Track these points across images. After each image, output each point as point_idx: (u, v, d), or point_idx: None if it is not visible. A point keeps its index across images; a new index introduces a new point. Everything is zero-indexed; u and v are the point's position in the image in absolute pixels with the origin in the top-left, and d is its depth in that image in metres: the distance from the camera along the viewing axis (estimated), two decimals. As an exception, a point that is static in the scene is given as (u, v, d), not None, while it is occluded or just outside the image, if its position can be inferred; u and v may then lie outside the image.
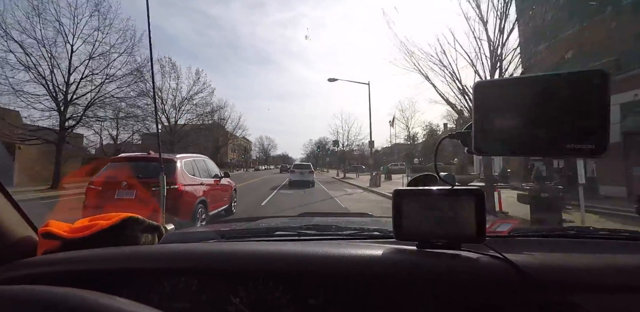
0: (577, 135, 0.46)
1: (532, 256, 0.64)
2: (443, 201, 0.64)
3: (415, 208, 0.65)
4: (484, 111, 0.51)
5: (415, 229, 0.65)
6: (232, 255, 0.67)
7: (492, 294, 0.60)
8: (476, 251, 0.64)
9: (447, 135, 0.65)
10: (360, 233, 0.98)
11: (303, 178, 15.39)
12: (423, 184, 0.71)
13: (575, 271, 0.60)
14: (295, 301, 0.62)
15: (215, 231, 1.13)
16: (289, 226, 1.22)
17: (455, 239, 0.64)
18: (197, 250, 0.70)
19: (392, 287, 0.62)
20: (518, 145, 0.50)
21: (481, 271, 0.61)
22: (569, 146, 0.46)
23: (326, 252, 0.65)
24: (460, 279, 0.60)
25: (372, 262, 0.64)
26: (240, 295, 0.62)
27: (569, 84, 0.46)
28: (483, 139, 0.52)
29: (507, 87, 0.51)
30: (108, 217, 0.76)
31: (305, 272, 0.64)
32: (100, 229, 0.72)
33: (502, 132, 0.50)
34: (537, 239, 0.89)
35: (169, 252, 0.69)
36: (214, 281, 0.64)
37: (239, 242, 0.87)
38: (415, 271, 0.62)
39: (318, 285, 0.63)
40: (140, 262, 0.66)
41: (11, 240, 0.69)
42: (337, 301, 0.62)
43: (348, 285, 0.63)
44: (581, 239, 0.90)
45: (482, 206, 0.62)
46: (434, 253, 0.65)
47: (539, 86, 0.48)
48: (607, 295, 0.59)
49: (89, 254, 0.67)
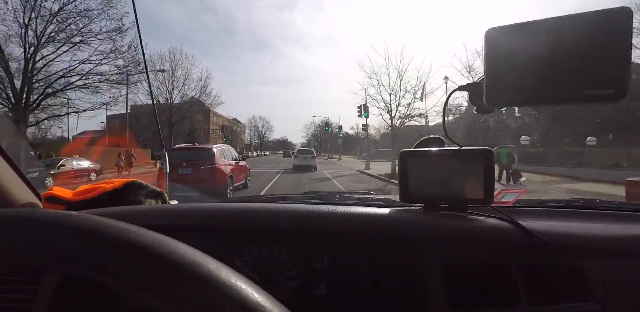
0: (595, 80, 0.43)
1: (539, 223, 0.64)
2: (450, 162, 0.63)
3: (422, 170, 0.64)
4: (496, 59, 0.48)
5: (421, 191, 0.64)
6: (238, 212, 0.67)
7: (499, 255, 0.60)
8: (484, 213, 0.64)
9: (457, 88, 0.60)
10: (364, 202, 0.96)
11: (306, 163, 16.48)
12: (430, 146, 0.68)
13: (582, 237, 0.61)
14: (300, 265, 0.62)
15: (219, 200, 1.13)
16: (294, 197, 1.17)
17: (462, 201, 0.64)
18: (202, 208, 0.70)
19: (398, 249, 0.61)
20: (534, 94, 0.47)
21: (489, 232, 0.60)
22: (587, 92, 0.43)
23: (332, 210, 0.65)
24: (468, 240, 0.60)
25: (378, 221, 0.63)
26: (244, 259, 0.62)
27: (587, 26, 0.43)
28: (496, 89, 0.49)
29: (520, 32, 0.47)
30: (111, 181, 0.76)
31: (310, 230, 0.64)
32: (103, 191, 0.72)
33: (516, 81, 0.47)
34: (543, 209, 0.87)
35: (173, 210, 0.69)
36: (218, 240, 0.63)
37: (245, 203, 0.86)
38: (423, 231, 0.62)
39: (323, 247, 0.63)
40: (144, 219, 0.65)
41: (15, 205, 0.70)
42: (342, 264, 0.61)
43: (354, 246, 0.62)
44: (587, 210, 0.88)
45: (491, 167, 0.61)
46: (439, 214, 0.65)
47: (555, 29, 0.45)
48: (616, 261, 0.59)
49: (94, 212, 0.65)
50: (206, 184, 6.70)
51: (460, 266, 0.60)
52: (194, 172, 6.82)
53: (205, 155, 7.13)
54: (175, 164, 6.91)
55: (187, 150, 7.49)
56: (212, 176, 6.85)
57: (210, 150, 7.34)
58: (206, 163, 6.94)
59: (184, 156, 7.12)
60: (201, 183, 6.63)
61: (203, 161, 6.92)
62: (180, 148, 7.88)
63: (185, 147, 7.97)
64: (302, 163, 16.47)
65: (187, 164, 6.88)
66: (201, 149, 7.45)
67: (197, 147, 7.65)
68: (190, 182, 6.64)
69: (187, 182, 6.65)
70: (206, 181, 6.75)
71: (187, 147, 7.83)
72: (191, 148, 7.69)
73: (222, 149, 7.90)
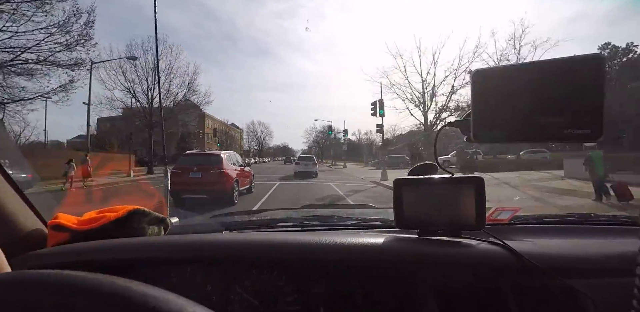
0: (573, 121, 0.46)
1: (532, 243, 0.66)
2: (443, 189, 0.66)
3: (416, 196, 0.67)
4: (481, 99, 0.51)
5: (416, 217, 0.67)
6: (237, 245, 0.68)
7: (492, 280, 0.62)
8: (476, 238, 0.66)
9: (446, 124, 0.64)
10: (362, 223, 0.99)
11: (307, 169, 16.89)
12: (423, 172, 0.71)
13: (574, 257, 0.62)
14: (298, 290, 0.63)
15: (219, 222, 1.14)
16: (292, 217, 1.24)
17: (455, 226, 0.66)
18: (203, 240, 0.71)
19: (394, 275, 0.64)
20: (516, 132, 0.49)
21: (481, 257, 0.62)
22: (566, 132, 0.46)
23: (329, 241, 0.66)
24: (461, 266, 0.62)
25: (374, 250, 0.64)
26: (245, 285, 0.64)
27: (565, 70, 0.46)
28: (481, 126, 0.51)
29: (504, 74, 0.50)
30: (115, 209, 0.77)
31: (308, 260, 0.65)
32: (108, 221, 0.73)
33: (500, 119, 0.50)
34: (537, 226, 0.89)
35: (175, 243, 0.69)
36: (219, 271, 0.65)
37: (243, 233, 0.88)
38: (417, 258, 0.63)
39: (321, 274, 0.65)
40: (148, 252, 0.66)
41: (21, 232, 0.70)
42: (340, 289, 0.64)
43: (350, 273, 0.64)
44: (582, 225, 0.89)
45: (482, 194, 0.64)
46: (434, 241, 0.66)
47: (534, 73, 0.48)
48: (607, 279, 0.59)
49: (98, 245, 0.68)
50: (215, 186, 7.33)
51: (454, 291, 0.62)
52: (204, 175, 7.45)
53: (214, 160, 7.79)
54: (186, 169, 7.57)
55: (198, 156, 8.31)
56: (220, 180, 7.46)
57: (218, 156, 8.00)
58: (215, 168, 7.57)
59: (195, 161, 7.86)
60: (210, 186, 7.29)
61: (212, 166, 7.58)
62: (191, 154, 8.68)
63: (196, 153, 8.84)
64: (303, 170, 16.92)
65: (198, 168, 7.55)
66: (210, 155, 8.22)
67: (207, 153, 8.50)
68: (200, 184, 7.30)
69: (197, 184, 7.33)
70: (215, 183, 7.38)
71: (197, 153, 8.72)
72: (201, 154, 8.55)
73: (229, 155, 8.56)
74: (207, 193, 7.22)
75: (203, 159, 7.94)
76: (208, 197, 7.17)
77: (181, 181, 7.45)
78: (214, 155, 8.17)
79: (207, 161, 7.84)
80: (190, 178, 7.43)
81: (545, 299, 0.61)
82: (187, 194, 7.32)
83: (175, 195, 7.32)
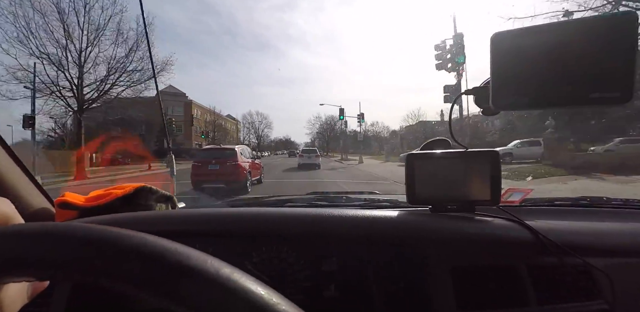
0: (601, 83, 0.44)
1: (546, 222, 0.65)
2: (456, 164, 0.64)
3: (428, 172, 0.65)
4: (501, 64, 0.49)
5: (428, 193, 0.65)
6: (245, 218, 0.67)
7: (507, 256, 0.61)
8: (490, 214, 0.65)
9: (464, 91, 0.61)
10: (371, 203, 0.98)
11: (310, 161, 17.93)
12: (436, 147, 0.69)
13: (589, 235, 0.62)
14: (309, 267, 0.62)
15: (226, 202, 1.15)
16: (300, 198, 1.19)
17: (469, 202, 0.65)
18: (210, 213, 0.70)
19: (406, 251, 0.62)
20: (539, 98, 0.47)
21: (497, 233, 0.61)
22: (593, 95, 0.44)
23: (340, 214, 0.65)
24: (476, 242, 0.61)
25: (386, 224, 0.64)
26: (254, 261, 0.63)
27: (593, 30, 0.44)
28: (501, 92, 0.49)
29: (526, 36, 0.48)
30: (122, 187, 0.77)
31: (318, 234, 0.64)
32: (115, 197, 0.74)
33: (521, 85, 0.48)
34: (549, 208, 0.87)
35: (182, 216, 0.69)
36: (228, 245, 0.64)
37: (253, 208, 0.86)
38: (430, 233, 0.62)
39: (332, 250, 0.63)
40: (155, 225, 0.66)
41: (29, 210, 0.70)
42: (351, 266, 0.62)
43: (362, 247, 0.63)
44: (594, 208, 0.88)
45: (498, 169, 0.62)
46: (448, 216, 0.65)
47: (561, 33, 0.45)
48: (624, 259, 0.59)
49: (106, 219, 0.67)
50: (231, 177, 8.43)
51: (468, 267, 0.61)
52: (221, 167, 8.58)
53: (229, 154, 8.89)
54: (206, 161, 8.71)
55: (215, 150, 9.49)
56: (235, 171, 8.57)
57: (233, 150, 9.14)
58: (230, 160, 8.65)
59: (212, 154, 9.04)
60: (227, 176, 8.40)
61: (227, 159, 8.70)
62: (208, 149, 10.00)
63: (212, 148, 10.03)
64: (306, 162, 18.02)
65: (215, 161, 8.69)
66: (226, 149, 9.38)
67: (223, 148, 9.63)
68: (218, 175, 8.42)
69: (215, 175, 8.44)
70: (231, 174, 8.47)
71: (214, 148, 9.89)
72: (218, 148, 9.71)
73: (242, 149, 9.71)
74: (224, 182, 8.31)
75: (220, 153, 9.07)
76: (225, 187, 8.29)
77: (201, 172, 8.61)
78: (229, 149, 9.30)
79: (223, 154, 8.94)
80: (209, 170, 8.55)
81: (562, 277, 0.60)
82: (207, 184, 8.41)
83: (196, 184, 8.49)
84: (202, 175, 8.56)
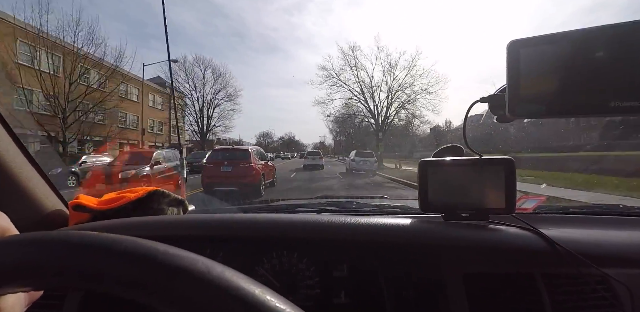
0: (621, 92, 0.43)
1: (561, 231, 0.64)
2: (471, 171, 0.63)
3: (442, 179, 0.64)
4: (518, 71, 0.48)
5: (441, 200, 0.64)
6: (256, 224, 0.67)
7: (522, 265, 0.59)
8: (505, 222, 0.64)
9: (478, 99, 0.59)
10: (381, 209, 0.97)
11: (314, 162, 20.17)
12: (449, 154, 0.68)
13: (606, 245, 0.60)
14: (320, 273, 0.62)
15: (237, 207, 1.14)
16: (310, 203, 1.20)
17: (483, 210, 0.63)
18: (222, 219, 0.70)
19: (419, 259, 0.61)
20: (557, 106, 0.46)
21: (512, 242, 0.60)
22: (612, 104, 0.43)
23: (351, 222, 0.64)
24: (491, 250, 0.59)
25: (398, 232, 0.63)
26: (265, 267, 0.63)
27: (613, 37, 0.43)
28: (518, 100, 0.48)
29: (543, 44, 0.47)
30: (135, 190, 0.77)
31: (329, 241, 0.64)
32: (128, 201, 0.74)
33: (538, 93, 0.47)
34: (564, 216, 0.85)
35: (194, 221, 0.69)
36: (239, 250, 0.64)
37: (263, 214, 0.84)
38: (443, 241, 0.61)
39: (343, 257, 0.63)
40: (167, 230, 0.66)
41: (43, 212, 0.71)
42: (362, 273, 0.61)
43: (372, 255, 0.62)
44: (610, 216, 0.86)
45: (513, 176, 0.61)
46: (461, 224, 0.64)
47: (579, 41, 0.45)
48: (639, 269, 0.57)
49: (119, 223, 0.68)
50: (244, 179, 7.84)
51: (481, 276, 0.59)
52: (234, 169, 7.99)
53: (242, 155, 8.33)
54: (218, 163, 8.13)
55: (228, 151, 8.87)
56: (249, 173, 7.99)
57: (247, 151, 8.57)
58: (244, 162, 8.09)
59: (225, 156, 8.44)
60: (240, 178, 7.81)
61: (241, 161, 8.12)
62: (220, 149, 9.34)
63: (225, 148, 9.40)
64: (311, 163, 20.38)
65: (228, 162, 8.10)
66: (239, 150, 8.78)
67: (236, 149, 8.98)
68: (231, 177, 7.83)
69: (228, 178, 7.84)
70: (245, 176, 7.89)
71: (227, 149, 9.25)
72: (231, 149, 9.07)
73: (256, 150, 9.12)
74: (237, 186, 7.73)
75: (232, 155, 8.48)
76: (238, 190, 7.69)
77: (213, 174, 8.04)
78: (242, 150, 8.73)
79: (236, 156, 8.37)
80: (221, 172, 7.99)
81: (578, 287, 0.58)
82: (219, 187, 7.85)
83: (207, 187, 7.92)
84: (214, 177, 8.00)
